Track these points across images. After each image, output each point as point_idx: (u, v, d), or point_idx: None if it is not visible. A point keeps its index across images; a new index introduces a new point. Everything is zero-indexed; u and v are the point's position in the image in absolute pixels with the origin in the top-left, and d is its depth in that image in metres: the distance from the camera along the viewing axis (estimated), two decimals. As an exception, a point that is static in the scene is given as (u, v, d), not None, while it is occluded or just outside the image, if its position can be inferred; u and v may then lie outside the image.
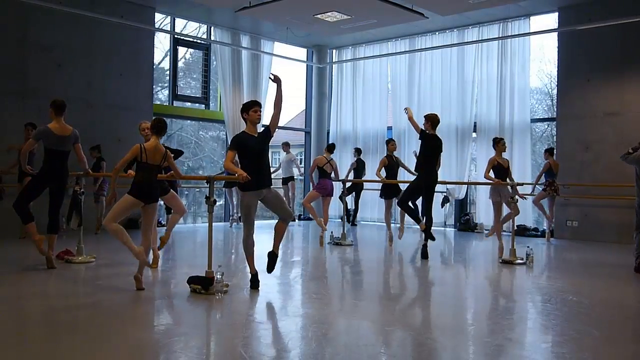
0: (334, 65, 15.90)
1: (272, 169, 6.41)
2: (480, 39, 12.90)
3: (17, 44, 10.51)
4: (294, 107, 19.73)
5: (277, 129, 6.08)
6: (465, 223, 12.95)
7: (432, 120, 8.28)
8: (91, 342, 4.14)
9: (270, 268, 6.12)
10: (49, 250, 6.90)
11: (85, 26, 11.21)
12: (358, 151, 13.57)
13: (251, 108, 5.89)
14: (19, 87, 10.42)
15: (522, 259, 7.99)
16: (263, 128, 6.08)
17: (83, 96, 11.08)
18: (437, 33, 13.66)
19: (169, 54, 13.81)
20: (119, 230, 5.76)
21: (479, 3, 10.24)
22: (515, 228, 8.78)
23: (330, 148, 10.11)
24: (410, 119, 8.23)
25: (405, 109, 8.54)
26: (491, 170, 8.62)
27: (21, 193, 7.05)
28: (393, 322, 4.98)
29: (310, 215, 10.74)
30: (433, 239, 8.37)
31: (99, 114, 11.34)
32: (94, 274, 6.88)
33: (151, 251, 6.80)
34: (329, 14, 11.03)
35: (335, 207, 14.10)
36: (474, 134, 13.17)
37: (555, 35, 12.13)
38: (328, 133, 15.77)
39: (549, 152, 10.96)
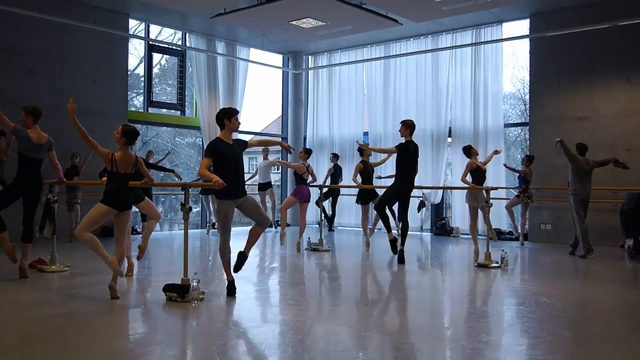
0: (309, 71, 15.94)
1: (248, 175, 6.40)
2: (454, 45, 13.04)
3: (-13, 50, 10.35)
4: (270, 113, 19.73)
5: (255, 135, 6.10)
6: (441, 227, 13.05)
7: (409, 125, 8.36)
8: (64, 352, 4.09)
9: (237, 268, 6.04)
10: (21, 260, 6.78)
11: (58, 32, 11.08)
12: (335, 157, 13.60)
13: (233, 116, 5.87)
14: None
15: (497, 263, 8.08)
16: (239, 139, 6.06)
17: (55, 102, 10.93)
18: (411, 39, 13.78)
19: (143, 60, 13.71)
20: (92, 239, 5.69)
21: (452, 10, 10.35)
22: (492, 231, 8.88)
23: (307, 152, 10.12)
24: (366, 149, 8.57)
25: (357, 142, 8.94)
26: (469, 174, 8.71)
27: (-8, 201, 6.91)
28: (370, 327, 4.99)
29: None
30: (396, 252, 8.44)
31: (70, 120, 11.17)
32: (67, 283, 6.78)
33: (125, 259, 6.74)
34: (304, 20, 11.05)
35: (312, 212, 14.10)
36: (449, 139, 13.29)
37: (527, 41, 12.32)
38: (305, 139, 15.78)
39: (528, 159, 11.07)
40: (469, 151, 8.86)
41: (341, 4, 10.10)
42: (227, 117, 5.88)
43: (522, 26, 12.75)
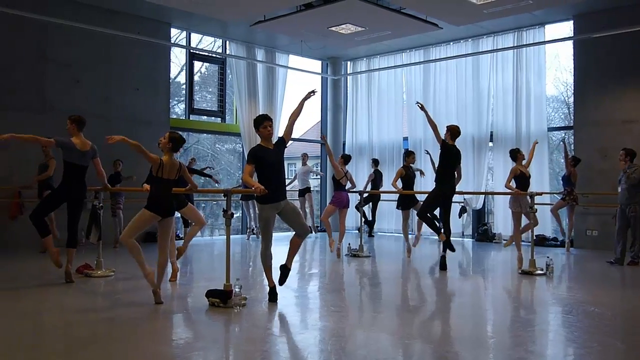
0: (348, 77, 15.94)
1: (287, 181, 6.41)
2: (495, 48, 12.86)
3: (36, 60, 10.69)
4: (309, 119, 19.80)
5: (292, 141, 6.09)
6: (483, 233, 12.85)
7: (452, 131, 8.27)
8: (109, 356, 4.15)
9: (281, 281, 6.09)
10: (67, 264, 6.95)
11: (103, 42, 11.36)
12: (375, 162, 13.56)
13: (261, 124, 5.89)
14: (38, 103, 10.58)
15: (542, 270, 7.90)
16: (278, 139, 6.09)
17: (101, 111, 11.21)
18: (451, 43, 13.65)
19: (185, 68, 13.94)
20: (135, 247, 5.77)
21: (493, 13, 10.20)
22: (535, 238, 8.69)
23: (346, 159, 10.09)
24: (423, 109, 8.28)
25: (418, 103, 8.60)
26: (512, 180, 8.54)
27: (38, 205, 7.11)
28: (412, 335, 4.94)
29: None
30: (453, 249, 8.32)
31: (116, 129, 11.40)
32: (112, 287, 6.92)
33: (170, 264, 6.83)
34: (343, 26, 11.06)
35: (352, 218, 14.08)
36: (490, 144, 13.10)
37: (570, 43, 12.07)
38: (344, 144, 15.77)
39: (574, 160, 10.74)
40: (515, 155, 8.65)
41: (380, 9, 10.07)
42: (256, 127, 5.93)
43: (565, 28, 12.51)
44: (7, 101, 10.30)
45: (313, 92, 6.18)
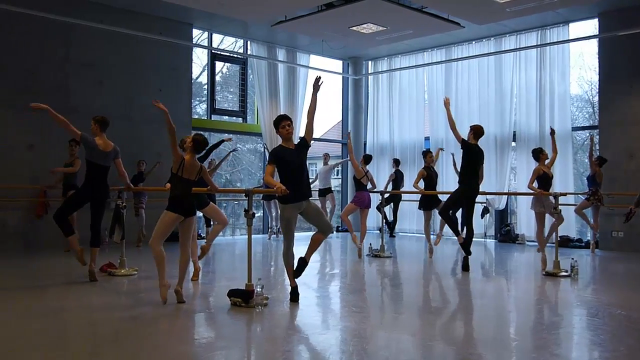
0: (369, 77, 15.90)
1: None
2: (518, 47, 12.73)
3: (60, 62, 10.83)
4: (330, 118, 19.79)
5: (313, 141, 6.07)
6: (506, 234, 12.72)
7: (476, 131, 8.19)
8: (133, 355, 4.18)
9: (297, 274, 6.05)
10: (91, 263, 7.03)
11: (125, 43, 11.47)
12: (396, 162, 13.51)
13: (280, 125, 5.89)
14: (62, 104, 10.66)
15: (566, 271, 7.79)
16: (299, 140, 6.08)
17: (123, 112, 11.33)
18: (473, 42, 13.54)
19: (206, 68, 14.02)
20: (161, 256, 5.78)
21: (517, 11, 10.10)
22: (559, 239, 8.57)
23: (367, 159, 10.06)
24: (446, 105, 8.20)
25: (445, 98, 8.53)
26: (535, 181, 8.43)
27: (62, 205, 7.21)
28: (434, 336, 4.90)
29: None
30: (469, 253, 8.25)
31: (139, 129, 11.56)
32: (135, 286, 6.98)
33: (191, 263, 6.86)
34: (364, 25, 11.04)
35: (373, 218, 14.04)
36: (513, 143, 12.97)
37: (595, 41, 11.89)
38: (365, 144, 15.73)
39: (599, 160, 10.54)
40: (538, 155, 8.53)
41: (402, 9, 10.03)
42: (276, 127, 5.95)
43: (590, 26, 12.33)
44: (34, 102, 10.42)
45: (319, 78, 6.05)
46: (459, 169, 8.44)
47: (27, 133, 10.38)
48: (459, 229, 8.53)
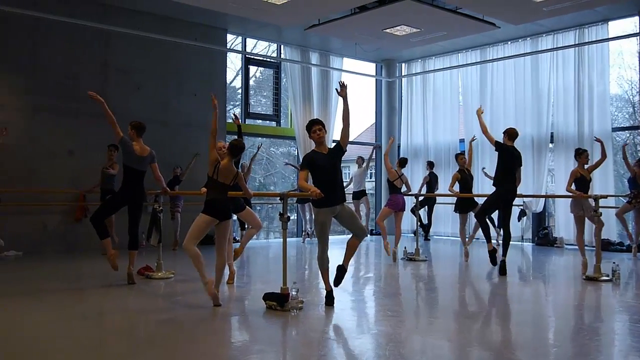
0: (403, 79, 15.81)
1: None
2: (555, 47, 12.50)
3: (99, 68, 11.06)
4: (363, 121, 19.76)
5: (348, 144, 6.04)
6: (543, 237, 12.49)
7: (510, 134, 8.09)
8: (170, 357, 4.23)
9: (337, 282, 6.08)
10: (129, 266, 7.14)
11: (161, 49, 11.66)
12: (430, 164, 13.39)
13: (310, 129, 5.89)
14: (100, 110, 10.90)
15: (607, 276, 7.60)
16: (335, 144, 6.06)
17: (159, 117, 11.50)
18: (509, 42, 13.35)
19: (240, 73, 14.13)
20: (197, 255, 5.84)
21: (554, 10, 9.92)
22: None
23: (402, 162, 10.00)
24: (479, 115, 8.11)
25: (478, 110, 8.44)
26: (572, 183, 8.25)
27: (99, 208, 7.34)
28: (471, 342, 4.83)
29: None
30: (495, 263, 8.13)
31: (174, 134, 11.72)
32: (172, 289, 7.06)
33: (227, 267, 6.91)
34: (398, 27, 10.99)
35: (408, 221, 13.94)
36: (550, 145, 12.74)
37: (635, 39, 11.60)
38: (399, 147, 15.64)
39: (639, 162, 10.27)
40: (580, 155, 8.34)
41: (436, 10, 9.96)
42: (307, 132, 5.95)
43: (630, 24, 12.03)
44: (75, 109, 10.70)
45: (343, 84, 5.96)
46: (492, 175, 8.30)
47: (67, 138, 10.63)
48: (496, 230, 8.41)
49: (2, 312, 5.88)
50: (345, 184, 11.31)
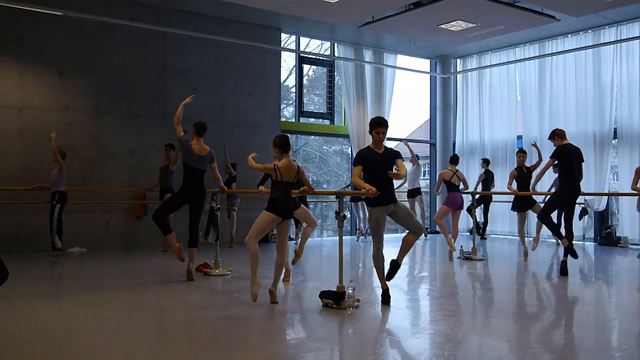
0: (458, 75, 15.57)
1: (397, 183, 6.32)
2: (618, 39, 12.05)
3: (158, 69, 11.33)
4: (417, 118, 19.54)
5: (398, 142, 5.99)
6: (606, 237, 12.07)
7: (559, 134, 7.87)
8: (228, 354, 4.29)
9: (389, 276, 6.04)
10: (189, 263, 7.29)
11: (217, 50, 11.85)
12: (486, 162, 13.14)
13: (374, 129, 5.83)
14: (159, 110, 11.21)
15: (676, 277, 7.28)
16: (392, 150, 5.98)
17: (216, 116, 11.69)
18: (569, 35, 12.95)
19: (294, 71, 14.22)
20: (256, 253, 5.87)
21: (616, 1, 9.57)
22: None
23: (454, 160, 9.86)
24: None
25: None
26: (638, 181, 7.94)
27: (160, 206, 7.54)
28: (532, 343, 4.71)
29: (439, 230, 10.48)
30: (576, 256, 7.85)
31: (230, 133, 11.89)
32: (229, 286, 7.17)
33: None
34: (453, 23, 10.82)
35: (463, 220, 13.72)
36: (614, 141, 12.29)
37: None
38: (454, 144, 15.42)
39: None
40: None
41: (494, 4, 9.76)
42: (370, 129, 5.90)
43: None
44: (135, 110, 11.02)
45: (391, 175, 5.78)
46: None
47: (127, 138, 10.94)
48: (561, 232, 8.14)
49: (67, 306, 6.12)
50: (399, 183, 11.20)
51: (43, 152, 9.77)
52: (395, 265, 6.05)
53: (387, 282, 5.97)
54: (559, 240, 8.04)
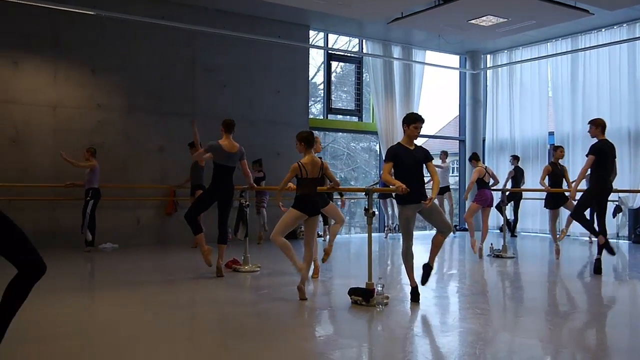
0: (488, 71, 15.39)
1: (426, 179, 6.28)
2: (655, 32, 11.78)
3: (187, 67, 11.44)
4: (446, 114, 19.40)
5: (428, 138, 5.96)
6: (641, 235, 11.83)
7: (599, 124, 7.67)
8: (258, 349, 4.31)
9: (424, 280, 6.02)
10: (218, 260, 7.35)
11: (245, 47, 11.91)
12: (515, 159, 12.97)
13: (413, 123, 5.78)
14: (189, 108, 11.32)
15: None
16: (423, 148, 5.96)
17: (245, 113, 11.75)
18: (603, 30, 12.69)
19: (322, 68, 14.21)
20: (285, 244, 5.94)
21: (653, -6, 9.34)
22: None
23: (477, 157, 9.83)
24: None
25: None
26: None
27: (192, 205, 7.61)
28: (565, 343, 4.64)
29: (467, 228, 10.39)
30: (613, 252, 7.69)
31: (259, 130, 11.95)
32: (258, 283, 7.21)
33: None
34: (483, 18, 10.68)
35: (493, 217, 13.57)
36: (649, 137, 12.03)
37: None
38: (483, 141, 15.25)
39: None
40: None
41: (525, -2, 9.60)
42: (407, 123, 5.83)
43: None
44: (166, 107, 11.15)
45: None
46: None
47: (157, 136, 11.07)
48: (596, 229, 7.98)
49: (99, 302, 6.23)
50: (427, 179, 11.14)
51: (76, 150, 9.94)
52: (428, 268, 6.01)
53: (416, 280, 5.93)
54: (594, 238, 7.89)
